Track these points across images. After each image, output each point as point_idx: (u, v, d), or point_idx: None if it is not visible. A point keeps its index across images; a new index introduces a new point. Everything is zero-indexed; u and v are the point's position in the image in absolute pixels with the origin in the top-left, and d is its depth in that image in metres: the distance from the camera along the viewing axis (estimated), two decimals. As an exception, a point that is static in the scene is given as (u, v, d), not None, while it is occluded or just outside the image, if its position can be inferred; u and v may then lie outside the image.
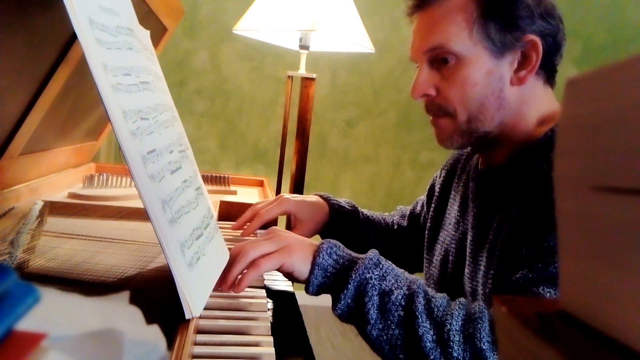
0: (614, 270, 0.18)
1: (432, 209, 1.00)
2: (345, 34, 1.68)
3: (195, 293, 0.55)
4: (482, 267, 0.77)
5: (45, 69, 0.81)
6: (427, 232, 0.99)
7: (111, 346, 0.28)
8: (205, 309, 0.59)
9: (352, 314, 0.66)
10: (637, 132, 0.17)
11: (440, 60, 0.77)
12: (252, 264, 0.67)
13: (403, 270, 0.70)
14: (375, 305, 0.64)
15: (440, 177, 1.02)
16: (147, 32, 0.80)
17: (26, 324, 0.23)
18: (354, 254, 0.70)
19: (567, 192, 0.20)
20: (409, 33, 0.85)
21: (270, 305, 0.70)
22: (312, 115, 1.78)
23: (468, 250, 0.82)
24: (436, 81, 0.79)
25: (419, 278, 0.68)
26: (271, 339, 0.55)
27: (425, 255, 0.98)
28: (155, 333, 0.35)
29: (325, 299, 0.68)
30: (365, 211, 1.09)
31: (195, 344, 0.53)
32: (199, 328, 0.56)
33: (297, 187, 1.78)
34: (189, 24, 2.58)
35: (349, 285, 0.65)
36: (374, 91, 2.79)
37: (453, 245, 0.88)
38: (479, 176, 0.86)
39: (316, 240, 0.75)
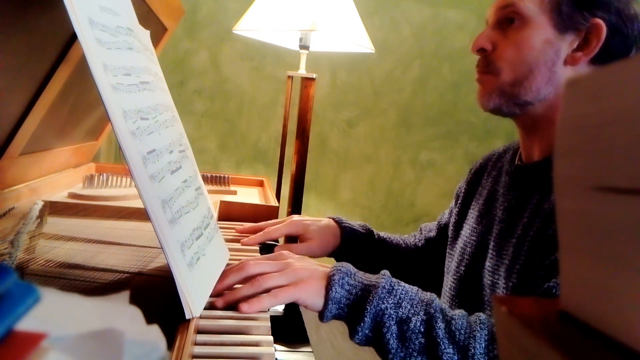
0: (614, 270, 0.18)
1: (458, 205, 1.00)
2: (345, 34, 1.68)
3: (195, 293, 0.55)
4: (506, 261, 0.77)
5: (45, 69, 0.81)
6: (451, 227, 0.99)
7: (111, 346, 0.28)
8: (205, 309, 0.59)
9: (371, 343, 0.65)
10: (637, 132, 0.17)
11: (507, 21, 0.80)
12: (270, 292, 0.64)
13: (417, 290, 0.68)
14: (394, 335, 0.62)
15: (467, 178, 1.03)
16: (147, 32, 0.80)
17: (26, 324, 0.23)
18: (367, 280, 0.67)
19: (567, 192, 0.20)
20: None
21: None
22: (312, 115, 1.78)
23: (492, 243, 0.82)
24: (496, 39, 0.81)
25: (434, 297, 0.66)
26: (271, 338, 0.55)
27: (448, 250, 0.98)
28: (155, 333, 0.35)
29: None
30: (382, 233, 1.07)
31: (196, 344, 0.53)
32: (199, 328, 0.56)
33: (297, 187, 1.78)
34: (189, 24, 2.58)
35: (365, 318, 0.63)
36: (374, 91, 2.79)
37: (473, 238, 0.88)
38: (514, 171, 0.86)
39: (326, 261, 0.73)
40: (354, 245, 1.00)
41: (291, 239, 0.99)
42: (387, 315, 0.63)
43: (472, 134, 2.78)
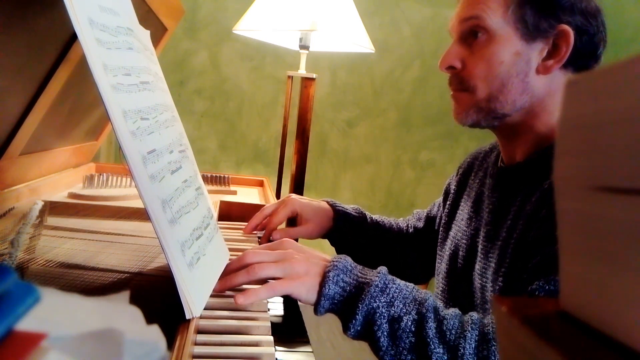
0: (614, 270, 0.18)
1: (447, 206, 1.00)
2: (345, 34, 1.68)
3: (195, 293, 0.55)
4: (492, 264, 0.77)
5: (45, 69, 0.81)
6: (440, 229, 1.00)
7: (111, 346, 0.28)
8: (205, 309, 0.59)
9: (363, 338, 0.65)
10: (637, 132, 0.17)
11: (472, 34, 0.79)
12: (267, 285, 0.65)
13: (412, 288, 0.67)
14: (385, 333, 0.63)
15: (456, 176, 1.03)
16: (147, 32, 0.80)
17: (26, 324, 0.23)
18: (362, 277, 0.67)
19: (567, 192, 0.20)
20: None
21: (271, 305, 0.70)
22: (312, 115, 1.78)
23: (480, 246, 0.82)
24: (464, 55, 0.80)
25: (428, 295, 0.66)
26: (271, 338, 0.55)
27: (438, 251, 0.98)
28: (155, 333, 0.35)
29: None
30: (375, 216, 1.08)
31: (196, 344, 0.53)
32: (199, 328, 0.56)
33: (297, 187, 1.78)
34: (189, 24, 2.58)
35: (357, 316, 0.64)
36: (374, 91, 2.79)
37: (464, 241, 0.88)
38: (497, 173, 0.86)
39: (321, 245, 0.73)
40: (346, 228, 1.01)
41: (291, 219, 1.01)
42: (378, 314, 0.63)
43: (472, 134, 2.77)
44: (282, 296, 0.74)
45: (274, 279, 0.66)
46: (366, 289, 0.65)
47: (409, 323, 0.63)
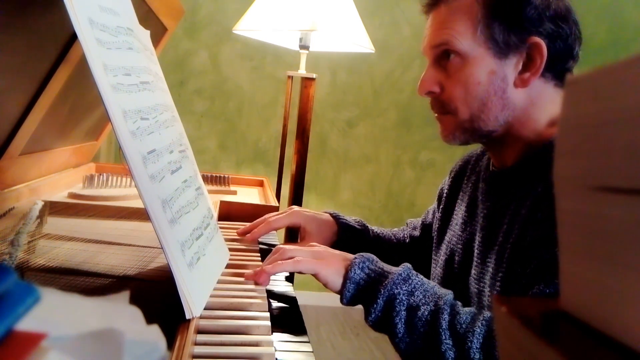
0: (614, 270, 0.18)
1: (440, 210, 1.00)
2: (345, 34, 1.68)
3: (195, 293, 0.55)
4: (490, 269, 0.77)
5: (45, 69, 0.81)
6: (435, 233, 0.99)
7: (111, 346, 0.28)
8: (205, 308, 0.59)
9: (382, 326, 0.69)
10: (637, 132, 0.17)
11: (445, 56, 0.79)
12: (293, 259, 0.70)
13: (434, 284, 0.71)
14: (402, 320, 0.66)
15: (448, 180, 1.02)
16: (147, 32, 0.80)
17: (26, 324, 0.23)
18: (387, 268, 0.71)
19: (567, 192, 0.20)
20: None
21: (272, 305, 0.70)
22: (312, 115, 1.78)
23: (476, 251, 0.82)
24: (441, 78, 0.80)
25: (448, 292, 0.69)
26: (271, 339, 0.55)
27: (433, 256, 0.98)
28: (155, 333, 0.35)
29: (325, 300, 0.69)
30: (375, 228, 1.09)
31: (196, 344, 0.53)
32: (199, 328, 0.56)
33: (297, 187, 1.78)
34: (189, 24, 2.58)
35: (378, 300, 0.67)
36: (374, 91, 2.79)
37: (459, 246, 0.88)
38: (490, 177, 0.86)
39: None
40: (349, 241, 1.01)
41: (292, 232, 1.00)
42: (398, 300, 0.67)
43: (472, 134, 2.77)
44: (286, 286, 0.75)
45: None
46: (390, 277, 0.69)
47: (426, 313, 0.66)
